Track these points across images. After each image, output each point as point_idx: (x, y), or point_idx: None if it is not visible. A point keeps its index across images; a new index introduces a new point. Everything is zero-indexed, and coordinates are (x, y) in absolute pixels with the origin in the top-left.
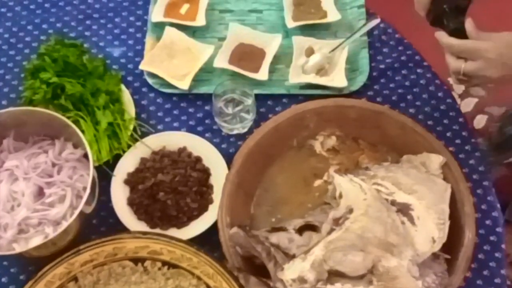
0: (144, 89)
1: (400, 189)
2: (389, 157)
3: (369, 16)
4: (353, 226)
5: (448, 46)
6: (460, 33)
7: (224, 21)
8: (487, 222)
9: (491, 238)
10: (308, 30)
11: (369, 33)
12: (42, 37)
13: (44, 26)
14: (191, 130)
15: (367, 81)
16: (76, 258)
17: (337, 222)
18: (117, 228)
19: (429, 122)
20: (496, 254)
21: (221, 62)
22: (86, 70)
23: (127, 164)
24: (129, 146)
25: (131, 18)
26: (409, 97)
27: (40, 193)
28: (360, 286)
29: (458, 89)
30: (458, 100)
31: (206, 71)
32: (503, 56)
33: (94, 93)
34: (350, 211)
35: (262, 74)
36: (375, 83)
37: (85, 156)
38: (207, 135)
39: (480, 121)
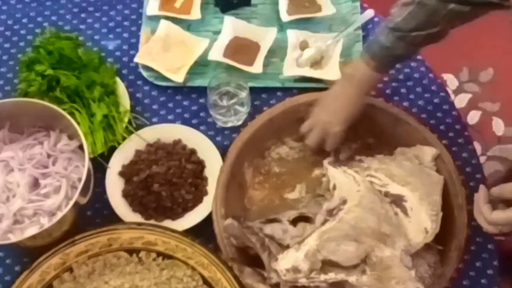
0: (139, 82)
1: (394, 180)
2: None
3: (363, 10)
4: (347, 216)
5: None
6: None
7: (218, 14)
8: None
9: (484, 229)
10: (303, 23)
11: (363, 27)
12: (37, 30)
13: (39, 19)
14: (186, 122)
15: None
16: (71, 249)
17: (330, 213)
18: (112, 219)
19: (423, 115)
20: (489, 246)
21: (216, 55)
22: (81, 63)
23: (122, 156)
24: (124, 139)
25: (126, 12)
26: (402, 90)
27: (35, 184)
28: (354, 276)
29: (452, 84)
30: (452, 96)
31: (201, 64)
32: None
33: (89, 86)
34: (344, 202)
35: (257, 67)
36: None
37: (80, 147)
38: (201, 127)
39: (473, 117)
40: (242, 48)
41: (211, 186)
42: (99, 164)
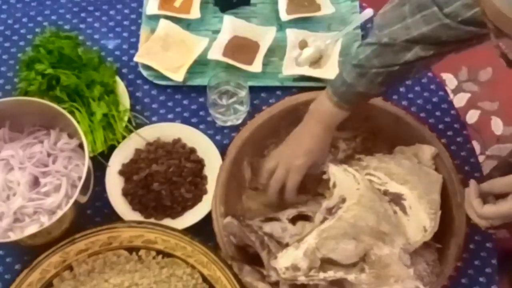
0: (138, 81)
1: (393, 179)
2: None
3: (362, 9)
4: (346, 215)
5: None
6: None
7: (218, 14)
8: None
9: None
10: (302, 23)
11: (362, 26)
12: (37, 30)
13: (39, 18)
14: (186, 121)
15: None
16: (71, 247)
17: (330, 211)
18: (112, 218)
19: (422, 114)
20: (487, 244)
21: (215, 54)
22: (81, 62)
23: (122, 155)
24: (123, 137)
25: (126, 11)
26: (401, 89)
27: (35, 182)
28: (353, 274)
29: (451, 83)
30: (451, 95)
31: (201, 64)
32: None
33: (89, 85)
34: (343, 200)
35: (256, 66)
36: None
37: (80, 146)
38: (201, 126)
39: (472, 116)
40: (241, 47)
41: (211, 185)
42: (99, 163)
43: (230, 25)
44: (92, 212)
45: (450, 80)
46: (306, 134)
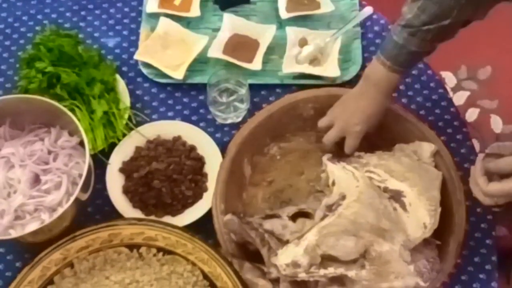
0: (139, 79)
1: (392, 176)
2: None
3: (362, 7)
4: (346, 212)
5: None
6: None
7: (218, 12)
8: (478, 209)
9: (482, 225)
10: (302, 21)
11: (362, 24)
12: (37, 28)
13: (39, 16)
14: (186, 119)
15: (360, 71)
16: (72, 245)
17: (330, 208)
18: (113, 216)
19: (421, 112)
20: (487, 241)
21: (215, 52)
22: (82, 60)
23: (122, 152)
24: (124, 135)
25: (126, 9)
26: (401, 87)
27: (36, 180)
28: (353, 270)
29: (450, 82)
30: (451, 93)
31: (201, 61)
32: None
33: (89, 83)
34: (343, 197)
35: (256, 64)
36: None
37: (81, 143)
38: (201, 124)
39: (472, 114)
40: (241, 45)
41: (211, 182)
42: (100, 161)
43: (230, 23)
44: (92, 209)
45: (449, 78)
46: (362, 100)
